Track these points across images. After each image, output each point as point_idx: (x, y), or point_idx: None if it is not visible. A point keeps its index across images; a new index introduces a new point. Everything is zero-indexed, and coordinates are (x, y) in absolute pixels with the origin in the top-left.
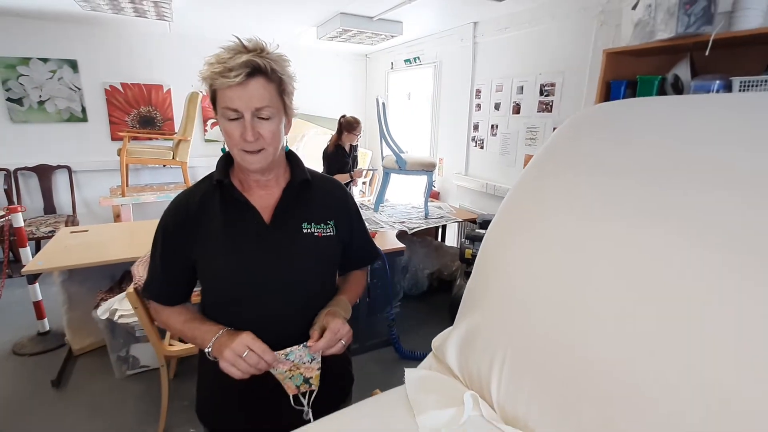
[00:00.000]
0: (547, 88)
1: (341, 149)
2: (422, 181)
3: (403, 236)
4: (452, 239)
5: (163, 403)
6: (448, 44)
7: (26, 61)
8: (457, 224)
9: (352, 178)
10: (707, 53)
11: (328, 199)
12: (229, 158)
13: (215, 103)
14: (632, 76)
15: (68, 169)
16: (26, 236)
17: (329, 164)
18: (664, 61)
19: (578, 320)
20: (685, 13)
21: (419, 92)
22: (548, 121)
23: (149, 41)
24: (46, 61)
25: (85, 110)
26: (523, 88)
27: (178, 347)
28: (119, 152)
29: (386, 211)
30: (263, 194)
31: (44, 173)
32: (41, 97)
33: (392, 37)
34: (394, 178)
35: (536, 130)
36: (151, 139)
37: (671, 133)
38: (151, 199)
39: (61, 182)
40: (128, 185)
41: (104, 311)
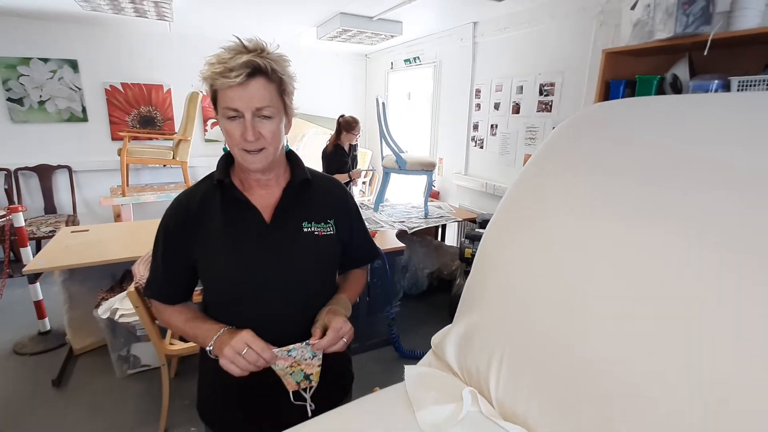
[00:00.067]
0: (546, 87)
1: (340, 149)
2: (422, 180)
3: (403, 236)
4: (452, 239)
5: (164, 402)
6: (447, 44)
7: (27, 61)
8: (456, 224)
9: (350, 178)
10: (706, 53)
11: (328, 198)
12: (229, 158)
13: (216, 103)
14: (631, 75)
15: (69, 169)
16: (27, 236)
17: (328, 164)
18: (662, 60)
19: (577, 319)
20: (683, 13)
21: (419, 92)
22: (548, 120)
23: (149, 41)
24: (46, 61)
25: (85, 110)
26: (522, 87)
27: (178, 346)
28: (119, 152)
29: (386, 210)
30: (264, 194)
31: (45, 173)
32: (42, 97)
33: (392, 37)
34: (393, 177)
35: (536, 129)
36: (151, 139)
37: (670, 132)
38: (151, 198)
39: (61, 182)
40: (128, 185)
41: (105, 310)
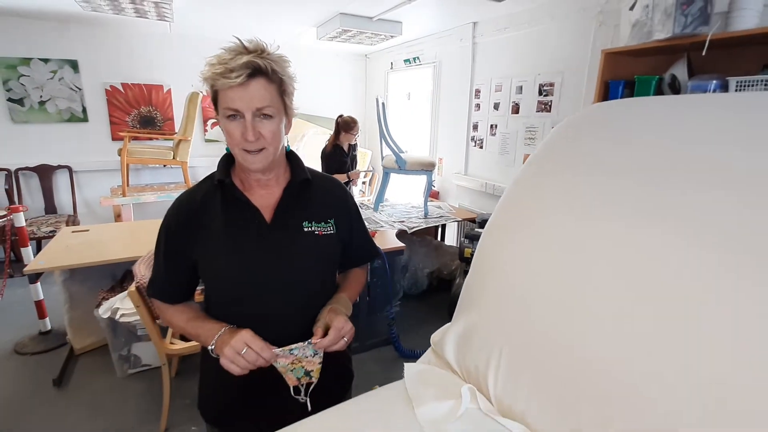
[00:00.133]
0: (546, 88)
1: (339, 149)
2: (422, 180)
3: (402, 236)
4: (452, 238)
5: (164, 401)
6: (447, 44)
7: (27, 61)
8: (456, 224)
9: (349, 178)
10: (704, 53)
11: (328, 198)
12: (230, 158)
13: (216, 103)
14: (630, 76)
15: (69, 169)
16: (27, 236)
17: (327, 164)
18: (661, 61)
19: (576, 318)
20: (682, 13)
21: (419, 92)
22: (547, 120)
23: (150, 41)
24: (46, 61)
25: (85, 110)
26: (522, 88)
27: (179, 346)
28: (120, 152)
29: (386, 210)
30: (264, 194)
31: (45, 173)
32: (42, 97)
33: (392, 37)
34: (393, 177)
35: (535, 129)
36: (151, 139)
37: (668, 132)
38: (151, 198)
39: (61, 182)
40: (129, 185)
41: (106, 310)
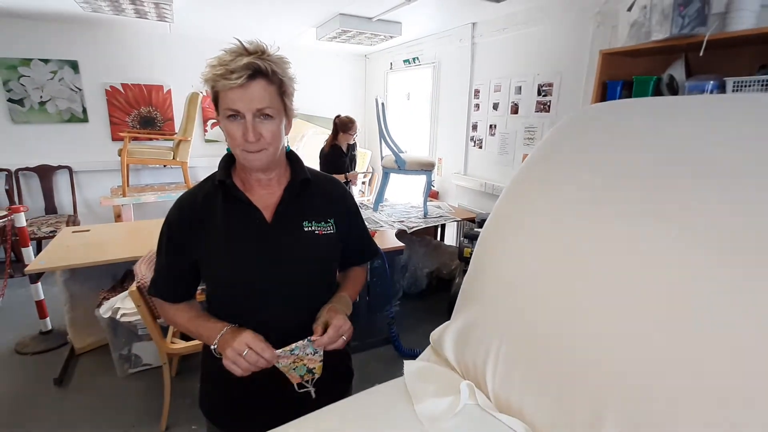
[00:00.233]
0: (544, 88)
1: (338, 149)
2: (421, 180)
3: (402, 235)
4: (451, 238)
5: (165, 400)
6: (446, 45)
7: (27, 62)
8: (456, 223)
9: (347, 179)
10: (701, 54)
11: (327, 197)
12: (230, 158)
13: (217, 104)
14: (628, 76)
15: (69, 169)
16: (28, 236)
17: (325, 164)
18: (659, 61)
19: (572, 315)
20: (679, 14)
21: (418, 92)
22: (546, 120)
23: (150, 42)
24: (47, 61)
25: (85, 111)
26: (521, 88)
27: (180, 345)
28: (120, 152)
29: (386, 210)
30: (264, 193)
31: (45, 174)
32: (42, 97)
33: (391, 37)
34: (393, 177)
35: (534, 129)
36: (151, 139)
37: (666, 133)
38: (151, 199)
39: (62, 182)
40: (129, 185)
41: (107, 310)
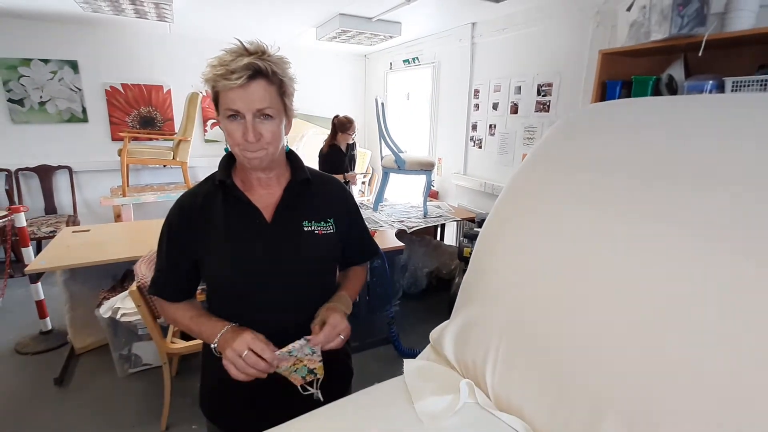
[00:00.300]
0: (544, 88)
1: (336, 149)
2: (421, 180)
3: (402, 235)
4: (451, 238)
5: (165, 400)
6: (446, 45)
7: (27, 62)
8: (455, 223)
9: (345, 180)
10: (700, 54)
11: (327, 197)
12: (230, 158)
13: (217, 103)
14: (627, 76)
15: (69, 169)
16: (28, 236)
17: (325, 165)
18: (658, 61)
19: (571, 313)
20: (678, 14)
21: (418, 92)
22: (545, 120)
23: (149, 42)
24: (46, 62)
25: (85, 111)
26: (520, 88)
27: (180, 345)
28: (120, 152)
29: (385, 210)
30: (264, 193)
31: (45, 174)
32: (42, 97)
33: (391, 37)
34: (393, 177)
35: (534, 129)
36: (151, 139)
37: (664, 132)
38: (151, 199)
39: (61, 183)
40: (129, 185)
41: (107, 310)
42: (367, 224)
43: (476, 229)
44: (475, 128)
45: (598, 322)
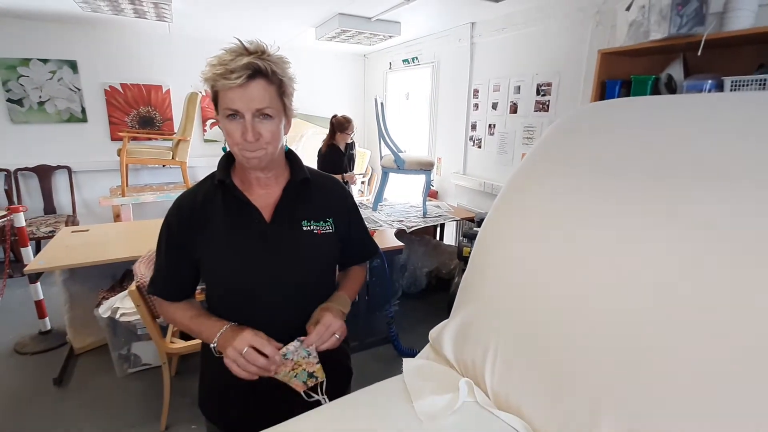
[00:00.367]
0: (543, 87)
1: (335, 149)
2: (420, 180)
3: (401, 235)
4: (450, 238)
5: (164, 400)
6: (445, 44)
7: (26, 62)
8: (455, 223)
9: (344, 180)
10: (699, 53)
11: (327, 197)
12: (230, 158)
13: (217, 103)
14: (627, 75)
15: (68, 169)
16: (27, 236)
17: (323, 165)
18: (657, 61)
19: (570, 313)
20: (677, 14)
21: (417, 92)
22: (545, 120)
23: (149, 42)
24: (46, 61)
25: (84, 111)
26: (520, 87)
27: (179, 345)
28: (119, 152)
29: (385, 210)
30: (263, 193)
31: (44, 174)
32: (41, 97)
33: (390, 37)
34: (392, 177)
35: (533, 129)
36: (150, 139)
37: (663, 131)
38: (150, 199)
39: (61, 182)
40: (128, 185)
41: (106, 309)
42: (366, 224)
43: (475, 228)
44: (474, 128)
45: (597, 321)
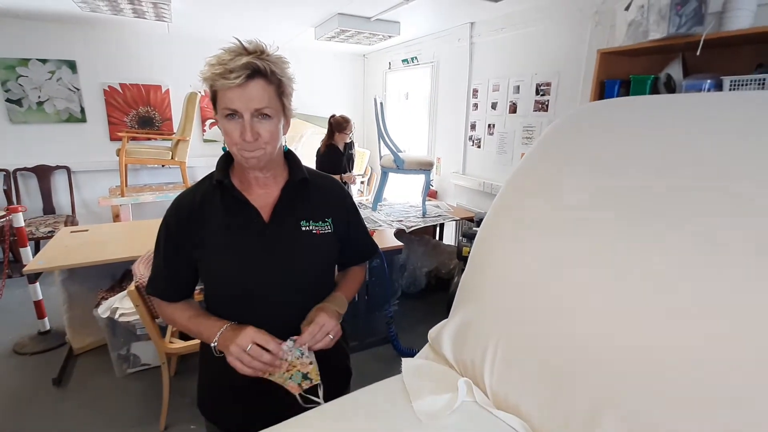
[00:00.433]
0: (543, 87)
1: (334, 149)
2: (420, 180)
3: (401, 235)
4: (450, 238)
5: (164, 400)
6: (445, 44)
7: (25, 62)
8: (454, 223)
9: (343, 181)
10: (698, 53)
11: (325, 197)
12: (228, 158)
13: (215, 103)
14: (626, 75)
15: (67, 169)
16: (26, 236)
17: (321, 165)
18: (656, 60)
19: (568, 311)
20: (676, 13)
21: (417, 92)
22: (544, 120)
23: (148, 42)
24: (45, 61)
25: (83, 111)
26: (519, 87)
27: (178, 345)
28: (118, 152)
29: (384, 210)
30: (262, 193)
31: (43, 174)
32: (40, 97)
33: (390, 37)
34: (392, 177)
35: (533, 129)
36: (149, 139)
37: (661, 130)
38: (150, 199)
39: (60, 183)
40: (127, 185)
41: (105, 310)
42: (366, 224)
43: (475, 228)
44: (473, 128)
45: (597, 320)
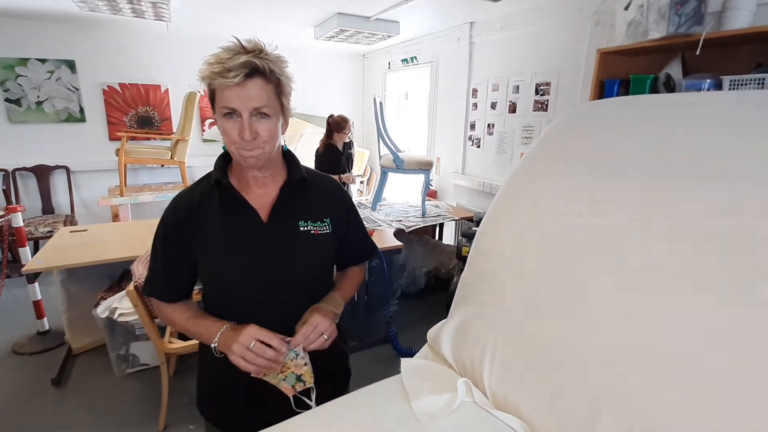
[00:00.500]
0: (542, 87)
1: (332, 149)
2: (419, 179)
3: (400, 235)
4: (449, 237)
5: (163, 400)
6: (444, 44)
7: (24, 61)
8: (454, 222)
9: (342, 181)
10: (698, 52)
11: (324, 197)
12: (226, 157)
13: (214, 102)
14: (625, 75)
15: (66, 169)
16: (25, 236)
17: (320, 165)
18: (656, 60)
19: (568, 312)
20: (676, 13)
21: (416, 92)
22: (544, 119)
23: (147, 41)
24: (44, 61)
25: (83, 110)
26: (518, 87)
27: (178, 345)
28: (117, 152)
29: (384, 209)
30: (260, 193)
31: (42, 173)
32: (39, 97)
33: (389, 37)
34: (391, 177)
35: (532, 128)
36: (149, 139)
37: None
38: (149, 198)
39: (59, 182)
40: (126, 185)
41: (104, 310)
42: (365, 224)
43: (474, 228)
44: (473, 127)
45: (596, 320)
